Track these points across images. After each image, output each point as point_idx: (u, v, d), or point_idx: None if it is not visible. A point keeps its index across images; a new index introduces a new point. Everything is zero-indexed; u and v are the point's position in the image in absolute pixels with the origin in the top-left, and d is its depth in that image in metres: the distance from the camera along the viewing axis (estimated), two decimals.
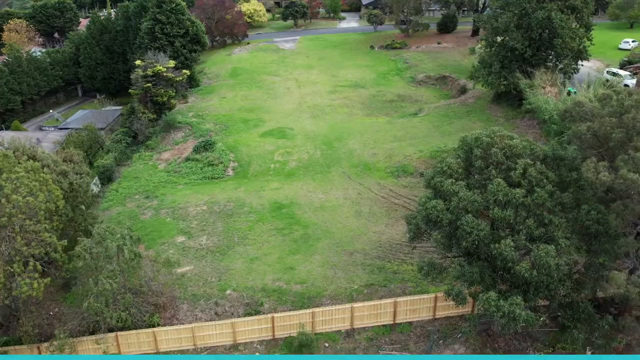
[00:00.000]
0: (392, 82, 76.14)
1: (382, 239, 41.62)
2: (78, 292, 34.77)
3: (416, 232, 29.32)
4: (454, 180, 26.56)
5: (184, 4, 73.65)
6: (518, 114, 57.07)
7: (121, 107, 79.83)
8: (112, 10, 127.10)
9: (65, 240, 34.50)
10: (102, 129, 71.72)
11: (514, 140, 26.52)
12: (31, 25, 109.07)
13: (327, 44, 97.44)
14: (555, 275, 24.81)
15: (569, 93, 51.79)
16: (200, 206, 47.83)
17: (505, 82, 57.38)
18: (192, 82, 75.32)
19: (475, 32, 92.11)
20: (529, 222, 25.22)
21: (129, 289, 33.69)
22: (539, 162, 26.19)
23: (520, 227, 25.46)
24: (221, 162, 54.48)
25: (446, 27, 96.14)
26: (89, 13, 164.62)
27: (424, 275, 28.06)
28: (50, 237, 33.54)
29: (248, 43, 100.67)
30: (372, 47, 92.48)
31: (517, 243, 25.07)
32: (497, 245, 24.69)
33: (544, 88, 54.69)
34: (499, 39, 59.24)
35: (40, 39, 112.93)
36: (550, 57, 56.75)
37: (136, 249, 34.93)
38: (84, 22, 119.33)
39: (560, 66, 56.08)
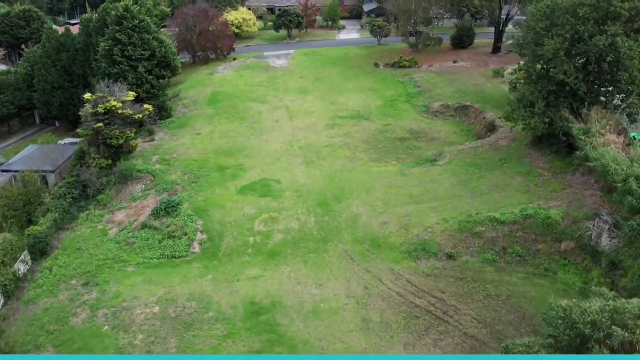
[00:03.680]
0: (402, 113, 63.54)
1: None
2: None
3: None
4: None
5: (150, 20, 60.86)
6: (567, 165, 44.52)
7: (81, 139, 67.19)
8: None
9: None
10: (51, 172, 59.19)
11: None
12: None
13: (325, 60, 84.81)
14: None
15: None
16: (151, 306, 35.35)
17: (549, 121, 44.81)
18: (163, 112, 62.68)
19: (497, 49, 79.45)
20: None
21: None
22: None
23: None
24: (185, 234, 41.90)
25: (462, 41, 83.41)
26: (68, 20, 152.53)
27: None
28: None
29: (234, 59, 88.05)
30: (376, 65, 79.88)
31: None
32: None
33: (603, 135, 42.18)
34: (538, 66, 46.77)
35: (1, 53, 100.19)
36: (609, 94, 44.29)
37: None
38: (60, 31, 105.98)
39: (624, 106, 43.62)
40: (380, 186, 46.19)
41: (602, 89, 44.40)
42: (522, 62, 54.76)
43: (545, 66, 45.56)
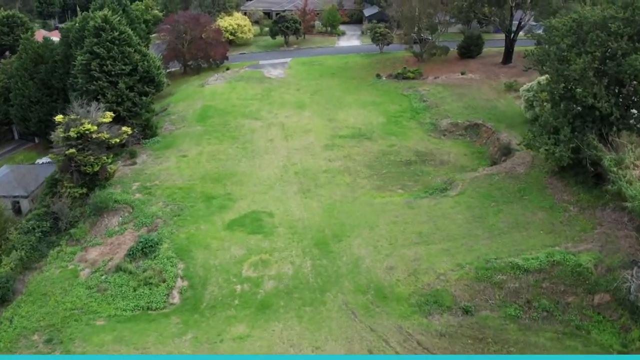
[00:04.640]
0: (408, 130, 58.51)
1: None
2: None
3: None
4: None
5: (130, 31, 55.63)
6: (595, 198, 39.49)
7: None
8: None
9: None
10: (24, 197, 54.38)
11: None
12: None
13: (323, 70, 79.78)
14: None
15: None
16: None
17: (574, 148, 39.63)
18: (147, 130, 57.59)
19: (507, 58, 74.26)
20: None
21: None
22: None
23: None
24: (163, 281, 36.86)
25: (469, 50, 78.29)
26: (58, 24, 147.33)
27: None
28: None
29: (227, 68, 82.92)
30: (378, 76, 74.80)
31: None
32: None
33: (638, 167, 37.27)
34: (561, 85, 41.74)
35: None
36: None
37: None
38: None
39: None
40: (384, 222, 41.14)
41: (633, 111, 39.45)
42: (541, 78, 50.00)
43: (569, 86, 40.57)
